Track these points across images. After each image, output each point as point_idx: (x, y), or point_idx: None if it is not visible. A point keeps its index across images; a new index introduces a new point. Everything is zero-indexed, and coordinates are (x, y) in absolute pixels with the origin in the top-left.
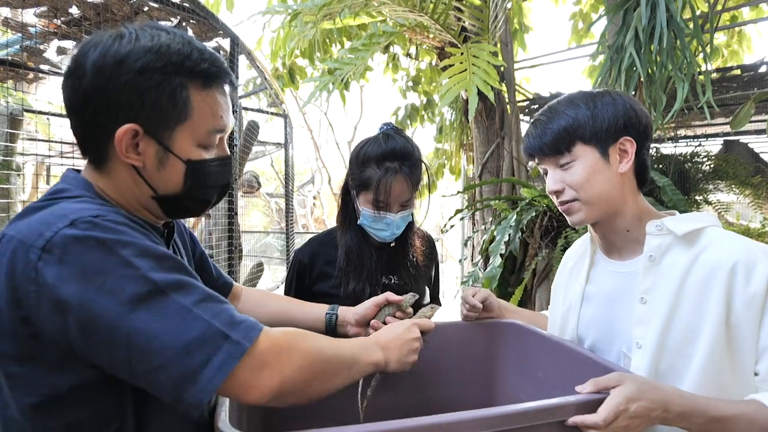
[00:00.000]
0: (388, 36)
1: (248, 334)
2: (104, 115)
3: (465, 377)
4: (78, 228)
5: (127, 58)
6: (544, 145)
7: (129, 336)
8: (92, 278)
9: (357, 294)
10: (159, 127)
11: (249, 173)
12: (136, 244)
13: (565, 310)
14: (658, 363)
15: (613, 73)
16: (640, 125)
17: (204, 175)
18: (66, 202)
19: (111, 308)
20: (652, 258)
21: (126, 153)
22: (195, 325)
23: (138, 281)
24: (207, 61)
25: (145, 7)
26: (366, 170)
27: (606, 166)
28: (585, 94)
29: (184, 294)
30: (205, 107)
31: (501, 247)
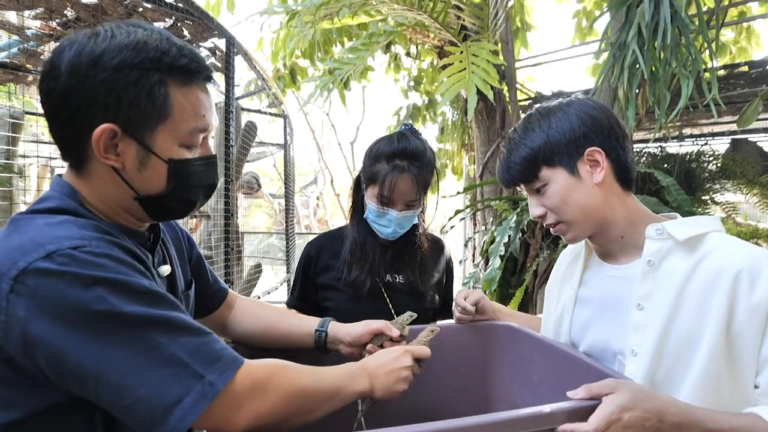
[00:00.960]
0: (388, 35)
1: (223, 375)
2: (81, 115)
3: (459, 381)
4: (54, 261)
5: (102, 56)
6: (512, 179)
7: (99, 374)
8: (64, 315)
9: (357, 285)
10: (138, 126)
11: (249, 174)
12: (113, 280)
13: (558, 313)
14: (654, 371)
15: (615, 71)
16: (601, 129)
17: (187, 175)
18: (47, 220)
19: (81, 346)
20: (651, 263)
21: (104, 154)
22: (168, 364)
23: (112, 319)
24: (186, 57)
25: (140, 8)
26: (376, 165)
27: (579, 183)
28: (540, 113)
29: (161, 330)
30: (187, 105)
31: (501, 249)
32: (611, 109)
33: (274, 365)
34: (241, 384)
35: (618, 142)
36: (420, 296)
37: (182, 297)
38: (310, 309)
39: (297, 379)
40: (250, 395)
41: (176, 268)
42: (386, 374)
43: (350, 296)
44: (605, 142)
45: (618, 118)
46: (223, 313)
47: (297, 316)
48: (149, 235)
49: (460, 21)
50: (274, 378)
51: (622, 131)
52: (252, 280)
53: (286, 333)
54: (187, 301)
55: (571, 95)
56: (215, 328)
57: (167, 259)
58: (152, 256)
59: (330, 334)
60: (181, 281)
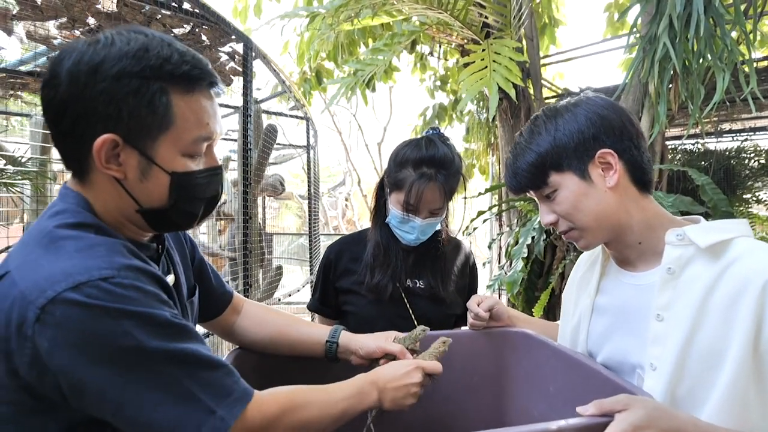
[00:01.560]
0: (410, 35)
1: (233, 410)
2: (82, 125)
3: (472, 390)
4: (82, 293)
5: (102, 64)
6: (520, 186)
7: (117, 407)
8: (87, 347)
9: (380, 289)
10: (140, 136)
11: (274, 176)
12: (139, 313)
13: (575, 322)
14: (675, 388)
15: (645, 65)
16: (612, 129)
17: (191, 187)
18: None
19: (103, 379)
20: (671, 271)
21: (106, 164)
22: (184, 400)
23: (135, 354)
24: (189, 63)
25: (158, 15)
26: (402, 171)
27: (590, 187)
28: (546, 115)
29: (179, 365)
30: (189, 114)
31: (524, 251)
32: (639, 105)
33: (285, 399)
34: (251, 420)
35: (632, 142)
36: (441, 302)
37: (187, 304)
38: (331, 312)
39: (307, 413)
40: (261, 430)
41: (180, 276)
42: (395, 389)
43: (370, 300)
44: (617, 142)
45: (631, 115)
46: (229, 317)
47: (307, 324)
48: (157, 246)
49: (482, 18)
50: (283, 415)
51: (635, 129)
52: (273, 282)
53: (296, 341)
54: (191, 308)
55: (582, 93)
56: (222, 333)
57: (171, 267)
58: (158, 267)
59: (341, 345)
60: (185, 288)
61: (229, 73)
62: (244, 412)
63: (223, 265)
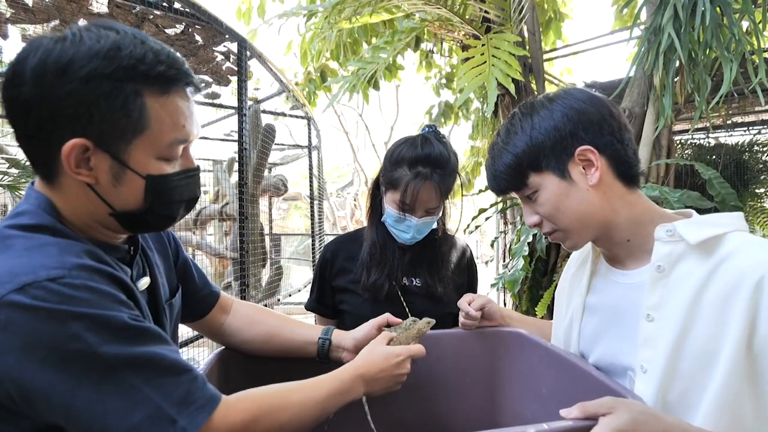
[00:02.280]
0: (410, 32)
1: (195, 419)
2: (48, 127)
3: (465, 390)
4: (27, 295)
5: (71, 64)
6: (500, 188)
7: (68, 415)
8: (34, 352)
9: (376, 288)
10: (112, 140)
11: (276, 176)
12: (90, 315)
13: (567, 322)
14: (666, 391)
15: (650, 57)
16: (591, 124)
17: (167, 190)
18: (27, 242)
19: (50, 385)
20: (661, 269)
21: (75, 169)
22: (140, 408)
23: (86, 359)
24: (164, 63)
25: (150, 15)
26: (397, 170)
27: (572, 187)
28: (522, 112)
29: (136, 371)
30: (165, 116)
31: (524, 249)
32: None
33: (257, 404)
34: (216, 429)
35: (613, 136)
36: (438, 300)
37: (165, 306)
38: (329, 311)
39: (282, 416)
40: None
41: (158, 277)
42: (386, 380)
43: (366, 299)
44: (597, 137)
45: (612, 107)
46: (217, 317)
47: (299, 325)
48: (128, 248)
49: (482, 13)
50: (253, 423)
51: (618, 122)
52: (273, 282)
53: (288, 341)
54: (171, 310)
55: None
56: (210, 334)
57: (146, 269)
58: (131, 270)
59: (333, 342)
60: (165, 290)
61: (226, 74)
62: (208, 421)
63: (227, 265)
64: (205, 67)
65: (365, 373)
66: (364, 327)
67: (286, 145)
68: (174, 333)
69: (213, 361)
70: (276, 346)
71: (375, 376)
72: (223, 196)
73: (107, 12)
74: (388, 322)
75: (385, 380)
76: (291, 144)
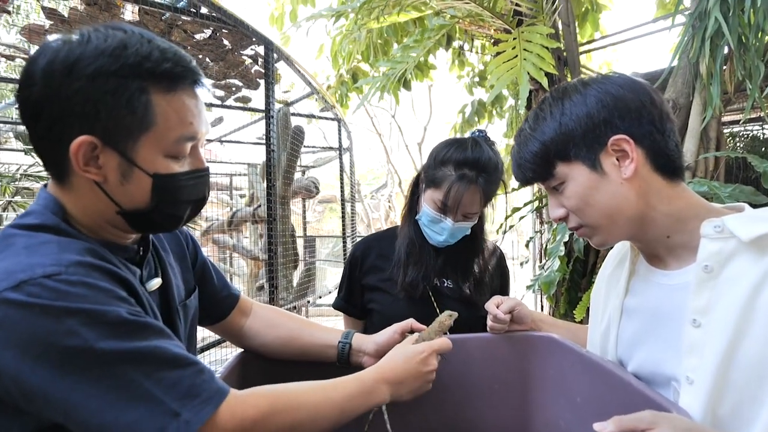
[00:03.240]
0: (439, 29)
1: (200, 412)
2: (58, 127)
3: (494, 397)
4: (22, 292)
5: (77, 63)
6: (525, 178)
7: (67, 412)
8: (31, 348)
9: (412, 287)
10: (119, 137)
11: (308, 179)
12: (87, 311)
13: (604, 326)
14: (716, 405)
15: (695, 44)
16: (629, 111)
17: (174, 190)
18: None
19: (48, 381)
20: (708, 269)
21: (84, 167)
22: (141, 402)
23: (82, 354)
24: (170, 61)
25: (178, 21)
26: (442, 169)
27: (603, 179)
28: (554, 97)
29: (135, 365)
30: (171, 113)
31: (560, 248)
32: (690, 88)
33: (268, 401)
34: (223, 423)
35: (653, 126)
36: (469, 303)
37: (179, 308)
38: (357, 311)
39: (295, 415)
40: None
41: (172, 278)
42: (413, 380)
43: (396, 298)
44: (634, 126)
45: (654, 94)
46: (237, 320)
47: (319, 327)
48: (138, 249)
49: (513, 6)
50: (264, 420)
51: (659, 110)
52: (303, 284)
53: (307, 345)
54: (185, 311)
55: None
56: (230, 337)
57: (159, 270)
58: (141, 270)
59: (354, 346)
60: (180, 291)
61: (255, 77)
62: (214, 414)
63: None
64: (234, 71)
65: (388, 375)
66: (386, 331)
67: (318, 148)
68: (191, 334)
69: (233, 364)
70: (295, 349)
71: (399, 377)
72: (257, 199)
73: (137, 20)
74: (411, 327)
75: (412, 380)
76: (324, 146)
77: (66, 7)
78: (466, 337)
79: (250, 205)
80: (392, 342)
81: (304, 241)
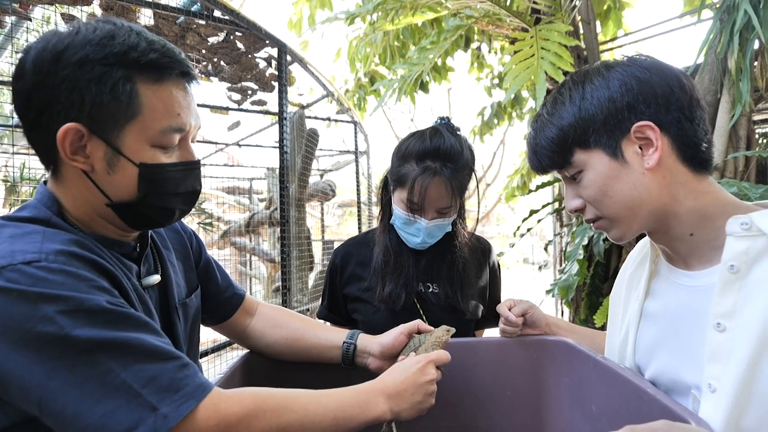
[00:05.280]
0: (455, 30)
1: (180, 407)
2: (46, 115)
3: (506, 403)
4: (1, 278)
5: (65, 52)
6: (541, 165)
7: (42, 400)
8: (6, 335)
9: (393, 299)
10: (104, 125)
11: (325, 182)
12: (64, 297)
13: (624, 331)
14: (740, 416)
15: (723, 39)
16: (655, 96)
17: (161, 181)
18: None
19: (24, 368)
20: (735, 269)
21: (72, 156)
22: (118, 394)
23: (59, 341)
24: (157, 52)
25: (193, 25)
26: (405, 165)
27: (624, 168)
28: (574, 80)
29: (113, 355)
30: (157, 103)
31: (579, 252)
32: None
33: (254, 400)
34: (204, 420)
35: (681, 113)
36: (460, 312)
37: (178, 306)
38: (342, 320)
39: (279, 418)
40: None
41: (172, 276)
42: (412, 394)
43: (380, 309)
44: (660, 113)
45: (684, 78)
46: (242, 320)
47: (324, 328)
48: (135, 245)
49: (531, 4)
50: (248, 419)
51: (689, 96)
52: (318, 286)
53: (312, 345)
54: (185, 309)
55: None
56: (235, 337)
57: (158, 267)
58: (139, 267)
59: (359, 347)
60: (181, 289)
61: (269, 80)
62: (194, 410)
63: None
64: (249, 73)
65: (385, 387)
66: (393, 332)
67: (335, 151)
68: (192, 333)
69: (236, 365)
70: (299, 349)
71: (397, 389)
72: (275, 202)
73: (153, 24)
74: (418, 329)
75: (410, 391)
76: (341, 150)
77: (84, 13)
78: (477, 341)
79: (269, 209)
80: (398, 344)
81: (322, 244)
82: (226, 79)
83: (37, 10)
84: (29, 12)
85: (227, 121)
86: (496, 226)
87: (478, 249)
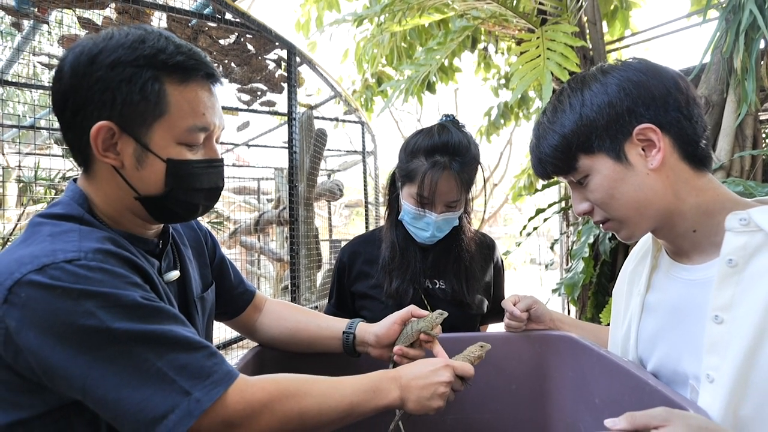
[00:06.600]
0: (462, 31)
1: (211, 392)
2: (81, 115)
3: (511, 397)
4: (45, 275)
5: (99, 55)
6: (546, 172)
7: (85, 388)
8: (52, 328)
9: (400, 295)
10: (134, 123)
11: (332, 182)
12: (103, 294)
13: (626, 325)
14: (737, 405)
15: (728, 39)
16: (653, 99)
17: (187, 176)
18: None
19: (68, 359)
20: (733, 263)
21: (103, 152)
22: (154, 381)
23: (99, 334)
24: (184, 54)
25: (205, 27)
26: (413, 161)
27: (628, 170)
28: (572, 87)
29: (149, 346)
30: (183, 102)
31: (585, 250)
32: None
33: (277, 386)
34: (233, 404)
35: (680, 112)
36: (466, 306)
37: (196, 300)
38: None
39: (302, 403)
40: (242, 417)
41: (190, 271)
42: (420, 388)
43: (388, 306)
44: (660, 114)
45: (679, 79)
46: (251, 315)
47: (325, 319)
48: (158, 242)
49: (537, 5)
50: (272, 403)
51: (685, 96)
52: (326, 283)
53: (314, 336)
54: (203, 303)
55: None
56: (245, 332)
57: (177, 263)
58: (160, 262)
59: (358, 336)
60: (198, 284)
61: (279, 81)
62: (224, 395)
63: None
64: (259, 75)
65: (400, 377)
66: (386, 321)
67: (342, 151)
68: (208, 326)
69: (247, 358)
70: (302, 340)
71: (409, 380)
72: (283, 202)
73: (166, 27)
74: (412, 314)
75: (421, 386)
76: (349, 150)
77: (100, 16)
78: (483, 335)
79: (277, 208)
80: (392, 332)
81: (330, 243)
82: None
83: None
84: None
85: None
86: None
87: (483, 244)
